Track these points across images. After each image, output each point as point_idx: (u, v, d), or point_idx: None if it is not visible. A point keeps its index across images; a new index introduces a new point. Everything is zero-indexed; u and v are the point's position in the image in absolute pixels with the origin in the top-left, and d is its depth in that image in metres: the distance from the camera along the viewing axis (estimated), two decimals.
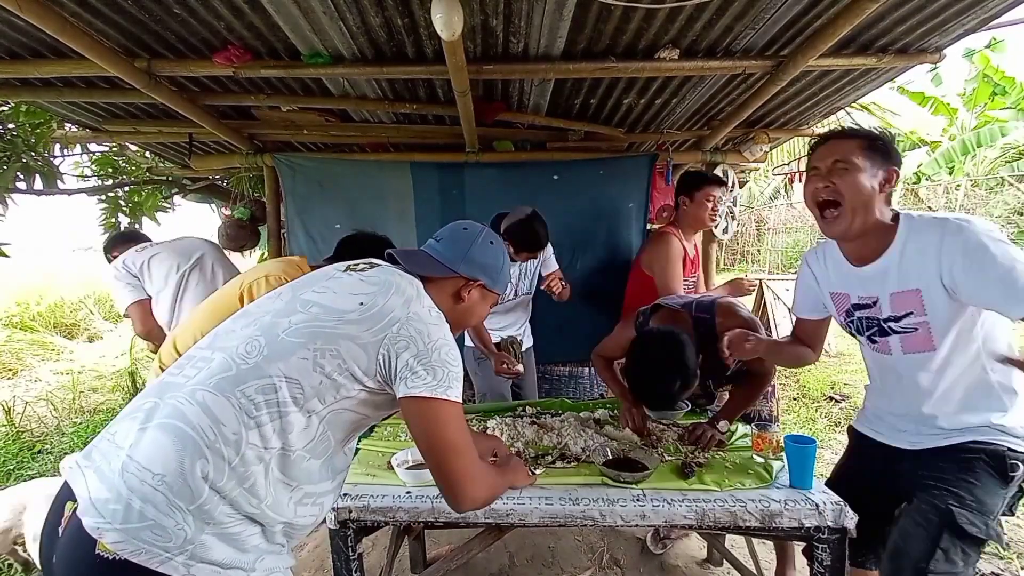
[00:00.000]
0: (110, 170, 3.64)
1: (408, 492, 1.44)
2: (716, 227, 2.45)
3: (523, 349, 2.54)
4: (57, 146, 3.24)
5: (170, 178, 3.97)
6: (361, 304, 0.98)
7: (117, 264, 2.41)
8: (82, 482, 0.83)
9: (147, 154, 3.78)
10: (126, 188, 3.73)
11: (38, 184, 2.89)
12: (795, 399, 4.66)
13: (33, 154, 2.79)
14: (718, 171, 3.39)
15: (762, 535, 1.52)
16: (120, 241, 2.69)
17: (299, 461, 0.92)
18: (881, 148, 1.29)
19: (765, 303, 6.04)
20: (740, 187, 4.38)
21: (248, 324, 0.98)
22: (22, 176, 2.81)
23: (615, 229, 3.30)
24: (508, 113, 2.79)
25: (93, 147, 3.53)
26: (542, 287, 2.44)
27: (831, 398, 4.62)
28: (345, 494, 1.42)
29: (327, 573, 2.23)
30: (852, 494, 1.42)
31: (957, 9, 1.85)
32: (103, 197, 3.63)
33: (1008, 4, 1.82)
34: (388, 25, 1.89)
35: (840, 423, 4.10)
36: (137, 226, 3.80)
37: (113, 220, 3.68)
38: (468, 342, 2.48)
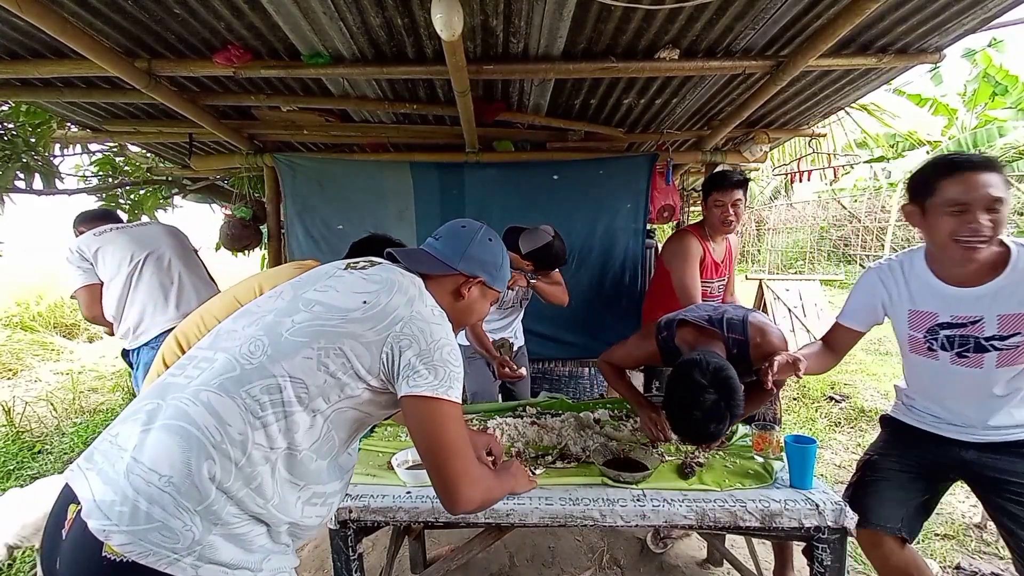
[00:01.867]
0: (110, 169, 3.65)
1: (408, 492, 1.45)
2: (732, 230, 2.40)
3: (514, 350, 2.53)
4: (57, 146, 3.24)
5: (170, 178, 3.97)
6: (364, 302, 0.98)
7: (71, 246, 2.37)
8: (85, 484, 0.83)
9: (147, 154, 3.77)
10: (126, 187, 3.73)
11: (38, 184, 2.90)
12: (795, 399, 4.66)
13: (33, 154, 2.79)
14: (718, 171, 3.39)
15: (762, 535, 1.52)
16: (88, 219, 2.63)
17: (306, 461, 0.92)
18: (1005, 179, 1.36)
19: (765, 303, 6.04)
20: None
21: (250, 324, 0.98)
22: (22, 176, 2.81)
23: (615, 229, 3.31)
24: (508, 113, 2.78)
25: (93, 147, 3.54)
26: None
27: (831, 398, 4.62)
28: (345, 494, 1.42)
29: (327, 573, 2.23)
30: (891, 466, 1.53)
31: (957, 9, 1.85)
32: (103, 197, 3.64)
33: (1008, 4, 1.82)
34: (388, 25, 1.89)
35: (840, 423, 4.09)
36: None
37: None
38: (461, 340, 2.48)
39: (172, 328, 2.43)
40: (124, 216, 3.64)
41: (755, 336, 1.66)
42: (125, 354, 2.55)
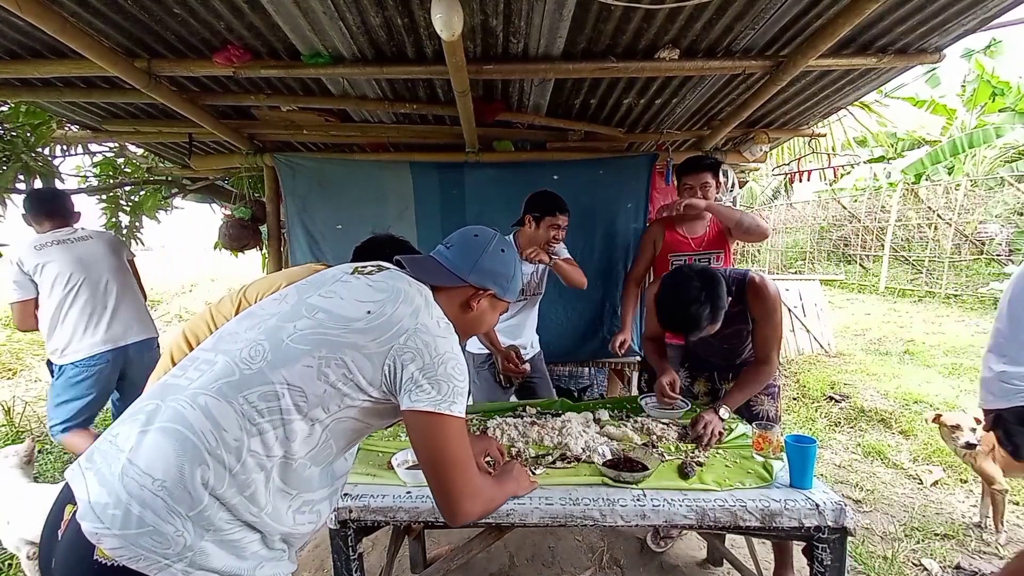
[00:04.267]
0: (111, 171, 3.65)
1: (408, 492, 1.45)
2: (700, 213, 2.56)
3: (527, 357, 2.47)
4: (57, 146, 3.24)
5: (170, 178, 3.97)
6: (368, 312, 0.95)
7: (13, 259, 2.43)
8: (82, 484, 0.82)
9: (147, 154, 3.77)
10: (126, 188, 3.73)
11: (38, 184, 2.89)
12: (795, 399, 4.66)
13: (33, 154, 2.79)
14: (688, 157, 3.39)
15: (762, 535, 1.52)
16: (37, 210, 2.54)
17: (301, 469, 0.91)
18: None
19: None
20: (740, 187, 4.38)
21: (252, 327, 0.96)
22: (22, 176, 2.81)
23: (614, 229, 3.31)
24: (508, 113, 2.79)
25: (93, 147, 3.54)
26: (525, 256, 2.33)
27: (831, 398, 4.62)
28: (345, 494, 1.42)
29: (327, 573, 2.23)
30: None
31: (957, 9, 1.85)
32: (103, 197, 3.63)
33: (1007, 4, 1.83)
34: (388, 25, 1.89)
35: (840, 423, 4.09)
36: (137, 224, 3.79)
37: (114, 220, 3.68)
38: (470, 347, 2.45)
39: (99, 352, 2.49)
40: (124, 219, 3.64)
41: (754, 276, 1.85)
42: (49, 363, 2.58)
